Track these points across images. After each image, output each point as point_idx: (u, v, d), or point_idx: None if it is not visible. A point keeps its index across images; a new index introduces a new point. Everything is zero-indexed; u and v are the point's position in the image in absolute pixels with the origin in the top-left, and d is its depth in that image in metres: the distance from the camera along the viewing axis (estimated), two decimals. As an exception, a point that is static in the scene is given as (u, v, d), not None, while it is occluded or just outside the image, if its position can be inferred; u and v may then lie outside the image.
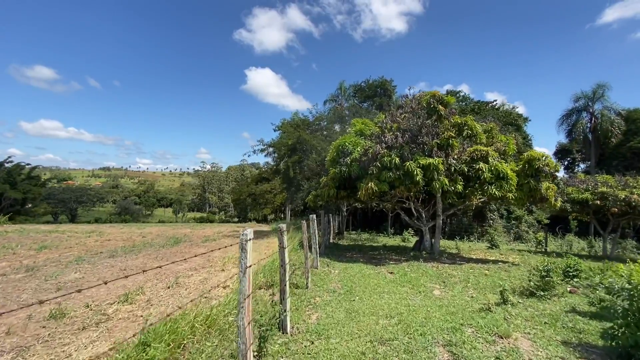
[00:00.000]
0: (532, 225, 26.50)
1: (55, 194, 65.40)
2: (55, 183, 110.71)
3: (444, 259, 11.91)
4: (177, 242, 15.43)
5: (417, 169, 9.51)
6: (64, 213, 66.32)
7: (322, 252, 11.79)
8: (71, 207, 67.19)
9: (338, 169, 11.29)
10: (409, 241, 19.51)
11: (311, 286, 7.03)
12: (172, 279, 7.83)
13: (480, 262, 11.95)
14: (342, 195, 12.42)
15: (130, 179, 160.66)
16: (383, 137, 10.28)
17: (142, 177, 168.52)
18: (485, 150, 10.76)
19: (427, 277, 8.77)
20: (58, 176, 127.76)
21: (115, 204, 78.04)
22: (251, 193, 56.84)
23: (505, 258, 13.68)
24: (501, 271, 10.09)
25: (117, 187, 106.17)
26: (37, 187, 58.41)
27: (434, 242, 12.33)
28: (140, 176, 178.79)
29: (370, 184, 9.97)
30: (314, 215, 8.59)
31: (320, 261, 9.99)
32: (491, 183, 10.74)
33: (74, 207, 67.63)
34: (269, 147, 19.58)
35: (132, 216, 68.27)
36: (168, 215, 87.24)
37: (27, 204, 56.89)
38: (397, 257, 12.16)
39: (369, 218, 29.33)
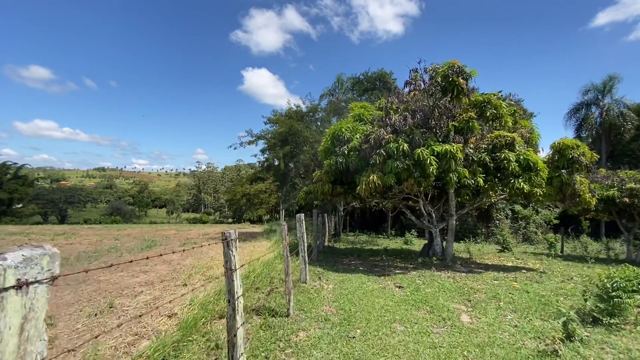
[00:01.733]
0: (541, 225, 24.64)
1: (45, 194, 62.97)
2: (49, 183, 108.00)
3: (458, 266, 9.98)
4: (151, 246, 13.37)
5: (430, 158, 7.56)
6: (53, 214, 63.92)
7: (314, 259, 9.80)
8: (61, 207, 64.70)
9: (333, 160, 9.32)
10: (411, 243, 17.56)
11: (295, 312, 5.04)
12: (111, 298, 5.81)
13: (499, 269, 10.04)
14: (338, 192, 10.44)
15: (126, 180, 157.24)
16: (388, 120, 8.33)
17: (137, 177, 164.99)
18: (511, 137, 8.84)
19: (446, 292, 6.81)
20: (52, 176, 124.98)
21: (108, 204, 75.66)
22: (245, 193, 54.78)
23: (524, 264, 11.79)
24: (531, 282, 8.16)
25: (111, 187, 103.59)
26: (25, 187, 55.95)
27: (447, 247, 10.38)
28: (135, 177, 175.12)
29: (372, 176, 8.00)
30: (301, 215, 6.61)
31: (310, 271, 7.99)
32: (517, 176, 8.81)
33: (64, 207, 65.13)
34: (258, 139, 17.53)
35: (124, 217, 65.95)
36: (162, 216, 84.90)
37: (14, 204, 54.39)
38: (403, 263, 10.21)
39: (368, 218, 27.39)
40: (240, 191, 53.45)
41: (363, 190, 8.30)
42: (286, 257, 4.73)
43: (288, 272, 4.70)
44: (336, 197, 10.96)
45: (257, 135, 17.57)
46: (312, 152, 15.04)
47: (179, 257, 10.49)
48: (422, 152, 7.56)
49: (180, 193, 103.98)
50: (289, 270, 4.71)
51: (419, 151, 7.59)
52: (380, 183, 7.89)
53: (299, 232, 6.57)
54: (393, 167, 7.73)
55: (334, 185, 10.37)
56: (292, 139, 16.25)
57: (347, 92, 27.08)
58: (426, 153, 7.56)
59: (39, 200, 61.33)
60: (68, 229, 23.33)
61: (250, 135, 17.67)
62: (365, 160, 8.96)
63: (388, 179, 7.82)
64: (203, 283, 6.98)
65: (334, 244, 16.02)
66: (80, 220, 55.69)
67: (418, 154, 7.56)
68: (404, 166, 7.75)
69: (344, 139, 9.35)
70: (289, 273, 4.71)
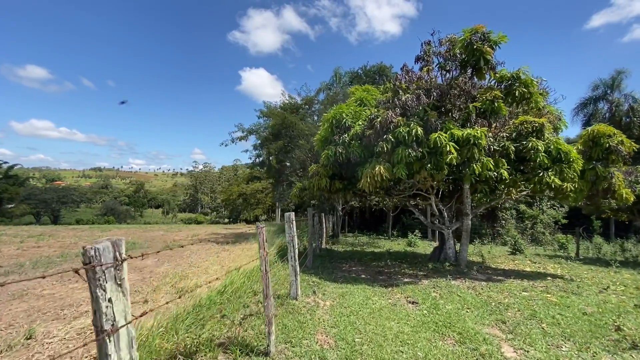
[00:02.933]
0: (548, 225, 23.32)
1: (37, 194, 61.20)
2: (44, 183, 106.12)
3: (474, 273, 8.61)
4: (129, 249, 11.91)
5: (449, 144, 6.17)
6: (46, 214, 62.17)
7: (309, 266, 8.39)
8: (53, 207, 62.94)
9: (332, 150, 7.92)
10: (416, 245, 16.18)
11: (278, 347, 3.63)
12: (39, 323, 4.38)
13: (521, 276, 8.69)
14: (337, 188, 9.04)
15: (122, 180, 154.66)
16: (397, 100, 6.95)
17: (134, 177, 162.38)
18: (539, 122, 7.47)
19: (472, 310, 5.43)
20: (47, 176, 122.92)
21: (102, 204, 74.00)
22: (242, 193, 53.34)
23: (543, 268, 10.46)
24: (567, 294, 6.80)
25: (107, 187, 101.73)
26: (15, 186, 54.30)
27: (460, 251, 9.01)
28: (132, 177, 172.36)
29: (378, 168, 6.61)
30: (290, 214, 5.22)
31: (304, 282, 6.58)
32: (546, 168, 7.45)
33: (57, 207, 63.38)
34: (250, 134, 16.05)
35: (119, 217, 64.35)
36: (158, 217, 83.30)
37: (4, 204, 52.68)
38: (412, 270, 8.82)
39: (367, 218, 26.02)
40: (236, 191, 51.98)
41: (366, 185, 6.90)
42: (264, 274, 3.31)
43: (268, 294, 3.28)
44: (335, 194, 9.57)
45: (249, 130, 16.09)
46: (308, 146, 13.65)
47: (154, 263, 9.06)
48: (439, 137, 6.17)
49: (177, 193, 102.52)
50: (269, 291, 3.29)
51: (435, 136, 6.20)
52: (388, 176, 6.49)
53: (288, 235, 5.17)
54: (404, 156, 6.34)
55: (332, 180, 8.97)
56: (285, 133, 14.81)
57: (345, 86, 25.70)
58: (444, 138, 6.17)
59: (30, 201, 59.62)
60: (50, 230, 21.80)
61: (241, 130, 16.23)
62: (369, 149, 7.57)
63: (398, 170, 6.42)
64: (170, 299, 5.56)
65: (332, 246, 14.62)
66: (73, 221, 54.07)
67: (434, 139, 6.18)
68: (416, 155, 6.36)
69: (344, 125, 7.95)
70: (269, 295, 3.29)
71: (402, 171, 6.39)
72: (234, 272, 6.75)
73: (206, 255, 10.68)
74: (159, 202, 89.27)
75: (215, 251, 11.60)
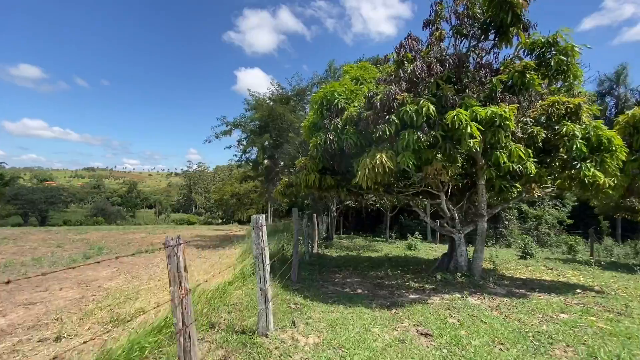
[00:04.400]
0: (553, 226, 22.01)
1: (23, 194, 58.96)
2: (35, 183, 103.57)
3: (491, 286, 7.16)
4: (89, 256, 10.34)
5: (471, 125, 4.71)
6: (33, 215, 60.00)
7: (293, 279, 6.87)
8: (41, 208, 60.75)
9: (321, 137, 6.43)
10: (416, 249, 14.75)
11: None
12: None
13: (545, 288, 7.26)
14: (329, 185, 7.53)
15: (115, 180, 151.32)
16: (402, 72, 5.48)
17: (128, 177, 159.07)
18: (575, 103, 6.03)
19: (505, 346, 3.97)
20: (39, 176, 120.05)
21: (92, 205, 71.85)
22: (235, 193, 51.65)
23: (564, 277, 9.07)
24: (616, 316, 5.37)
25: (99, 187, 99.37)
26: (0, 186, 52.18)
27: (475, 259, 7.56)
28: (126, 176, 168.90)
29: (379, 156, 5.13)
30: (258, 217, 3.71)
31: (283, 304, 5.08)
32: (583, 158, 6.02)
33: (44, 208, 61.18)
34: (235, 127, 14.43)
35: (109, 218, 62.33)
36: (150, 217, 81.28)
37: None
38: (417, 282, 7.34)
39: (363, 219, 24.58)
40: (229, 191, 50.31)
41: (364, 180, 5.41)
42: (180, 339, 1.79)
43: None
44: (326, 192, 8.07)
45: (233, 123, 14.48)
46: (298, 139, 12.17)
47: (109, 275, 7.49)
48: (458, 115, 4.70)
49: (171, 193, 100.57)
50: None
51: (452, 115, 4.72)
52: (391, 166, 5.01)
53: (255, 248, 3.67)
54: (411, 142, 4.86)
55: (322, 176, 7.47)
56: (274, 125, 13.29)
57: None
58: (464, 117, 4.70)
59: (17, 201, 57.48)
60: (22, 232, 20.06)
61: (225, 124, 14.66)
62: (366, 137, 6.09)
63: (404, 159, 4.94)
64: (96, 332, 4.03)
65: (325, 251, 13.13)
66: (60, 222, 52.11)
67: (452, 118, 4.70)
68: (427, 139, 4.89)
69: (336, 107, 6.46)
70: None
71: (409, 160, 4.91)
72: (200, 288, 5.24)
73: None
74: (151, 202, 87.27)
75: (190, 258, 10.04)
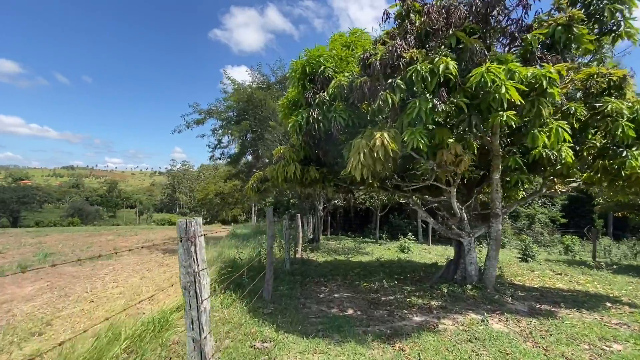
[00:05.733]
0: (546, 225, 21.19)
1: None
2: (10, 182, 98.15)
3: (508, 300, 5.87)
4: (28, 265, 8.55)
5: (507, 85, 3.29)
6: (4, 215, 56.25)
7: (266, 297, 5.36)
8: (12, 208, 57.00)
9: (302, 116, 4.96)
10: (409, 252, 13.44)
11: None
12: None
13: (569, 302, 6.03)
14: (312, 178, 6.05)
15: (96, 179, 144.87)
16: (409, 24, 4.06)
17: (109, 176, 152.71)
18: (619, 75, 4.77)
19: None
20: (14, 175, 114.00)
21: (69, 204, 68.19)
22: (219, 192, 49.54)
23: (578, 283, 7.94)
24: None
25: (78, 186, 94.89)
26: (-35, 185, 48.58)
27: (488, 268, 6.25)
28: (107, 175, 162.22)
29: (380, 135, 3.71)
30: (192, 222, 2.17)
31: (245, 340, 3.58)
32: (629, 145, 4.76)
33: (16, 208, 57.43)
34: (209, 116, 12.64)
35: (87, 218, 59.09)
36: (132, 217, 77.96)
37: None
38: (420, 296, 5.96)
39: (352, 218, 23.24)
40: (213, 190, 48.21)
41: (358, 169, 3.97)
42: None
43: None
44: (309, 187, 6.61)
45: (207, 111, 12.71)
46: (281, 130, 10.66)
47: (36, 290, 5.81)
48: (489, 72, 3.30)
49: (154, 193, 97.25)
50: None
51: (480, 71, 3.31)
52: (395, 149, 3.60)
53: (184, 275, 2.17)
54: (424, 113, 3.44)
55: (305, 167, 5.99)
56: (253, 113, 11.68)
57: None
58: (498, 73, 3.29)
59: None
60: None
61: (198, 111, 12.97)
62: (361, 116, 4.66)
63: (413, 137, 3.51)
64: None
65: (310, 255, 11.67)
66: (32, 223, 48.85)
67: (480, 77, 3.29)
68: (448, 109, 3.49)
69: (322, 77, 5.00)
70: None
71: (419, 138, 3.49)
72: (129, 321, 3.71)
73: (131, 273, 7.50)
74: (132, 202, 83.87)
75: (149, 266, 8.42)
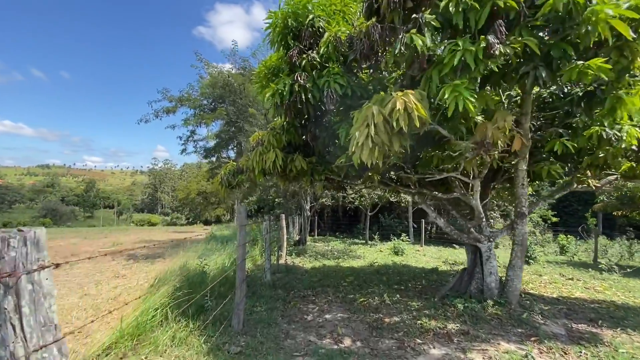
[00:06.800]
0: (538, 224, 20.57)
1: (-45, 193, 51.34)
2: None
3: (539, 319, 4.74)
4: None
5: (612, 13, 2.10)
6: (-32, 217, 52.41)
7: (235, 326, 3.99)
8: (-23, 209, 53.22)
9: (284, 84, 3.65)
10: (404, 254, 12.30)
11: None
12: None
13: (605, 317, 4.97)
14: (299, 169, 4.73)
15: (74, 178, 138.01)
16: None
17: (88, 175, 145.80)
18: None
19: None
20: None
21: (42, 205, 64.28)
22: (201, 191, 47.37)
23: (595, 290, 6.99)
24: None
25: (53, 186, 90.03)
26: None
27: (511, 279, 5.10)
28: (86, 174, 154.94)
29: (400, 97, 2.44)
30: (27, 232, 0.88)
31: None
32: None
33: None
34: (180, 103, 10.95)
35: (61, 219, 55.68)
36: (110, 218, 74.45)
37: None
38: (431, 315, 4.74)
39: (340, 218, 22.05)
40: (195, 189, 46.03)
41: (365, 151, 2.69)
42: None
43: None
44: (294, 181, 5.29)
45: (179, 98, 11.05)
46: (262, 118, 9.26)
47: None
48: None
49: (135, 192, 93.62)
50: None
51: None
52: (425, 116, 2.34)
53: None
54: (475, 58, 2.20)
55: (288, 155, 4.66)
56: (230, 98, 10.19)
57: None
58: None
59: (-53, 201, 49.92)
60: None
61: (168, 98, 10.98)
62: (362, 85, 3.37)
63: (456, 96, 2.26)
64: None
65: (296, 259, 10.33)
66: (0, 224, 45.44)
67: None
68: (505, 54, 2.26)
69: (310, 31, 3.70)
70: None
71: (467, 96, 2.21)
72: None
73: (74, 287, 5.99)
74: (111, 201, 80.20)
75: (102, 278, 6.90)
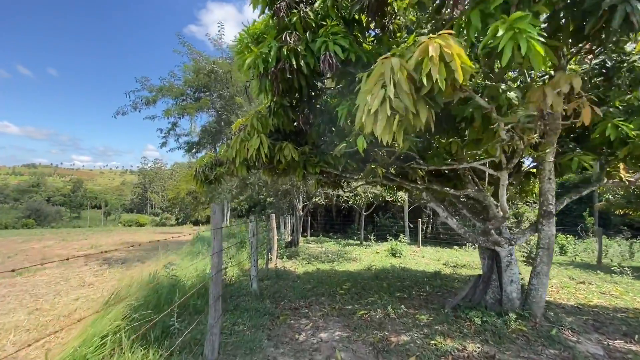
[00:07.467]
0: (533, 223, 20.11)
1: None
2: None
3: (570, 336, 4.03)
4: None
5: None
6: (-53, 217, 49.97)
7: (212, 355, 3.15)
8: (-44, 209, 50.85)
9: (270, 48, 2.85)
10: (402, 256, 11.57)
11: None
12: None
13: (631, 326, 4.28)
14: (289, 160, 3.92)
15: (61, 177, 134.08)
16: None
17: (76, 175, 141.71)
18: None
19: None
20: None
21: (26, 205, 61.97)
22: (191, 190, 46.04)
23: (611, 295, 6.34)
24: None
25: (39, 185, 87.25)
26: None
27: (535, 287, 4.39)
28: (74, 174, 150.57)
29: (434, 40, 1.66)
30: None
31: None
32: None
33: (-39, 209, 51.28)
34: (161, 94, 9.86)
35: (45, 219, 53.65)
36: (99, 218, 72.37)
37: None
38: (445, 333, 4.00)
39: (334, 218, 21.29)
40: (184, 188, 44.73)
41: (381, 123, 1.92)
42: None
43: None
44: (283, 175, 4.47)
45: (159, 88, 9.78)
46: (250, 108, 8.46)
47: None
48: None
49: (124, 192, 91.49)
50: None
51: None
52: (470, 64, 1.59)
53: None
54: None
55: (276, 143, 3.85)
56: (214, 88, 9.28)
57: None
58: None
59: None
60: None
61: (147, 88, 9.83)
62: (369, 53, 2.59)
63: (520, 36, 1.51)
64: None
65: (288, 263, 9.50)
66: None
67: None
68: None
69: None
70: None
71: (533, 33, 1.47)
72: None
73: (28, 298, 5.07)
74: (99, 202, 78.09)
75: (67, 286, 5.99)
